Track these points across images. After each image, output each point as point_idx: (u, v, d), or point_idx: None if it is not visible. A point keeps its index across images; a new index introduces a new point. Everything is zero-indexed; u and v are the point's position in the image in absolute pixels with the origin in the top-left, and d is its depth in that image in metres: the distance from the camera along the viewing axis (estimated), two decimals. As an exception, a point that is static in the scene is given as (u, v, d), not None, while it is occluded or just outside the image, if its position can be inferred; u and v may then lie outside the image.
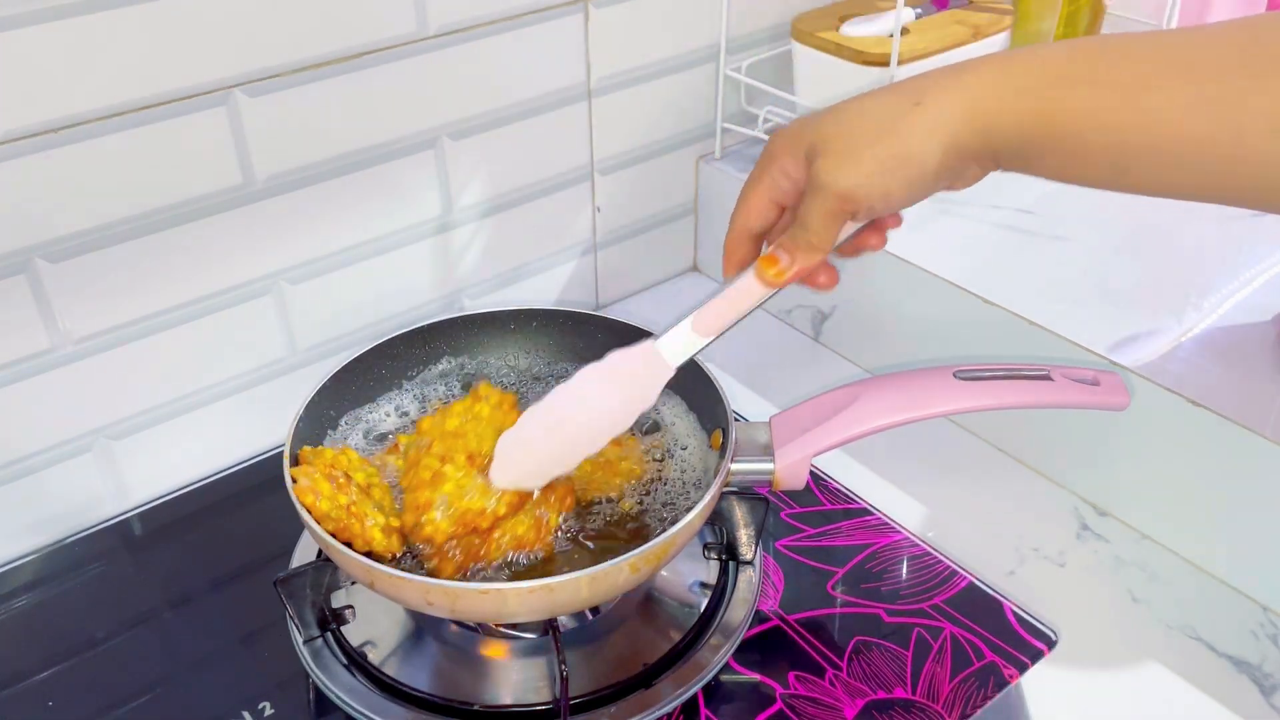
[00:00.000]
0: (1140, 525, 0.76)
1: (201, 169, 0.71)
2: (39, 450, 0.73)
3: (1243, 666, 0.67)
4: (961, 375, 0.63)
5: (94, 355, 0.72)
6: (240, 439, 0.82)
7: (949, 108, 0.49)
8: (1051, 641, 0.67)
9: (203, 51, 0.68)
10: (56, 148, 0.65)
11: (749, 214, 0.57)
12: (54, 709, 0.64)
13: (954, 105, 0.48)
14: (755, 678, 0.65)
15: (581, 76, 0.87)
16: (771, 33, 0.98)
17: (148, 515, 0.79)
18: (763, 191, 0.56)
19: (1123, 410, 0.64)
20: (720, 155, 1.00)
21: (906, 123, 0.49)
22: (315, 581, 0.64)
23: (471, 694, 0.63)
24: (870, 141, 0.50)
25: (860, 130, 0.51)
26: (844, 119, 0.52)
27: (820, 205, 0.52)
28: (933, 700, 0.64)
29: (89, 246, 0.69)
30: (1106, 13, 1.04)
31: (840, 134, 0.51)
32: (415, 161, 0.81)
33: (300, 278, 0.79)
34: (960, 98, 0.48)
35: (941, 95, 0.49)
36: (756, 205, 0.56)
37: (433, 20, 0.76)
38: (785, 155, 0.54)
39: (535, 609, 0.58)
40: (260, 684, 0.65)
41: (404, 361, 0.75)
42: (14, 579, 0.74)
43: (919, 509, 0.79)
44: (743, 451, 0.64)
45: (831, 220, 0.52)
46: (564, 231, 0.94)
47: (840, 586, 0.72)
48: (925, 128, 0.49)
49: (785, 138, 0.54)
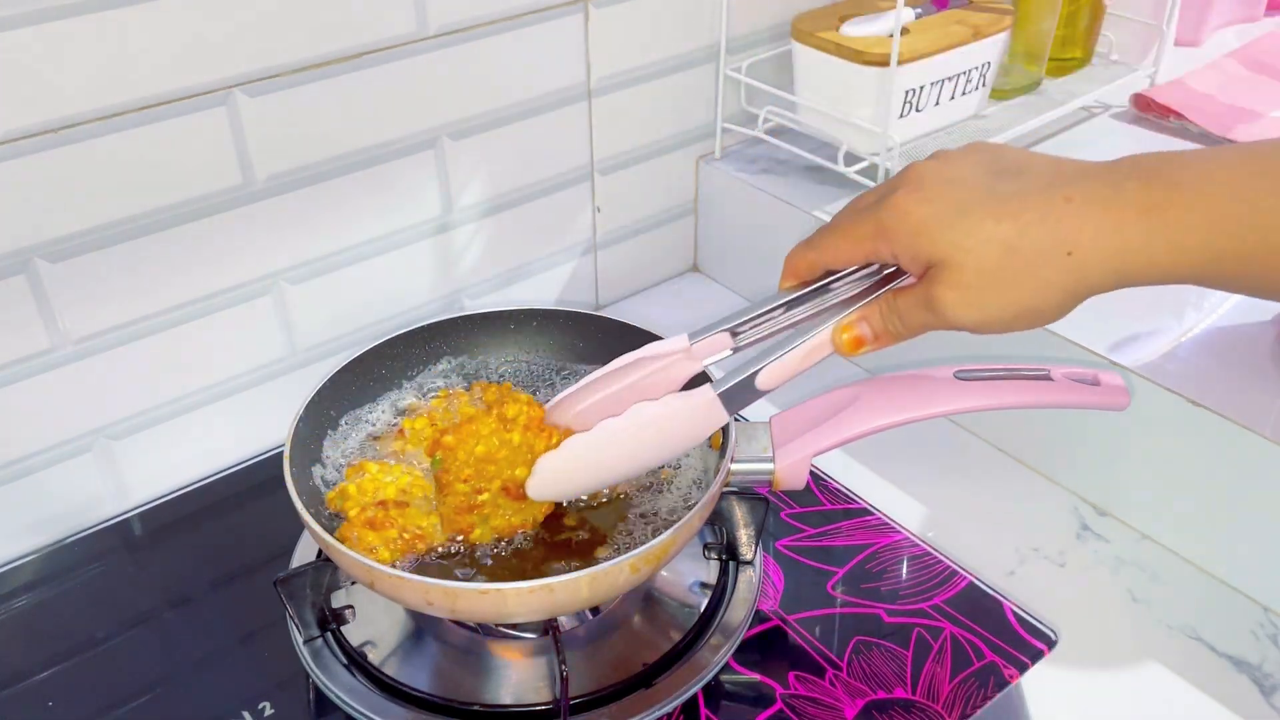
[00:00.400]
0: (1140, 525, 0.76)
1: (201, 169, 0.71)
2: (39, 450, 0.73)
3: (1243, 666, 0.67)
4: (961, 375, 0.63)
5: (94, 355, 0.72)
6: (240, 439, 0.82)
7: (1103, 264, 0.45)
8: (1051, 641, 0.67)
9: (203, 51, 0.68)
10: (56, 148, 0.65)
11: (832, 256, 0.53)
12: (54, 709, 0.64)
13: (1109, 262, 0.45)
14: (755, 678, 0.65)
15: (581, 76, 0.87)
16: (771, 33, 0.98)
17: (148, 515, 0.79)
18: (859, 250, 0.52)
19: (1123, 410, 0.64)
20: (720, 155, 1.00)
21: (1051, 274, 0.46)
22: (315, 581, 0.64)
23: (471, 694, 0.63)
24: (1006, 287, 0.46)
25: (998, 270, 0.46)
26: (974, 246, 0.46)
27: (928, 322, 0.50)
28: (933, 700, 0.64)
29: (89, 246, 0.69)
30: (1106, 13, 1.04)
31: (974, 268, 0.47)
32: (415, 161, 0.81)
33: (300, 278, 0.79)
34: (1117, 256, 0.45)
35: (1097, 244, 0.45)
36: (844, 254, 0.53)
37: (433, 20, 0.76)
38: (900, 243, 0.49)
39: (535, 609, 0.58)
40: (260, 684, 0.65)
41: (404, 361, 0.75)
42: (14, 579, 0.74)
43: (919, 509, 0.79)
44: (743, 451, 0.64)
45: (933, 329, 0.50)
46: (564, 231, 0.94)
47: (840, 586, 0.72)
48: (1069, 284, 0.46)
49: (905, 221, 0.48)
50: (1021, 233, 0.46)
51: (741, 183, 0.97)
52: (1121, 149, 1.00)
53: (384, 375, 0.74)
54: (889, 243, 0.50)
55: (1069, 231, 0.46)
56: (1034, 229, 0.46)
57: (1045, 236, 0.46)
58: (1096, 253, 0.45)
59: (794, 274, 0.56)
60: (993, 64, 0.93)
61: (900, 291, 0.52)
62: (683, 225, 1.04)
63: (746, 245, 1.00)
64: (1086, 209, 0.46)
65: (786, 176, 0.97)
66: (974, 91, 0.93)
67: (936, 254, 0.48)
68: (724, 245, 1.03)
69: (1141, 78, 1.05)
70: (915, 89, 0.88)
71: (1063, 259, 0.46)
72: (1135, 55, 1.07)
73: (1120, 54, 1.07)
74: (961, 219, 0.47)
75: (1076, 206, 0.46)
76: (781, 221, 0.93)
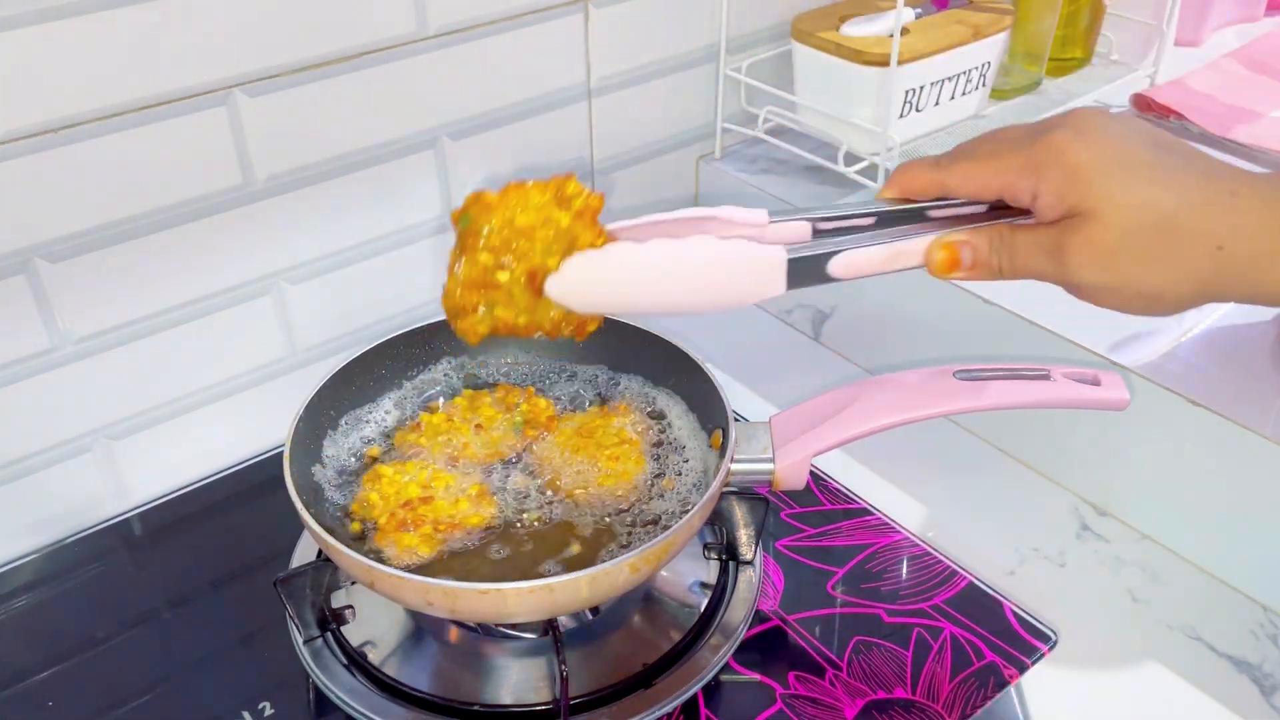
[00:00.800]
0: (1140, 525, 0.76)
1: (201, 169, 0.71)
2: (39, 450, 0.73)
3: (1243, 666, 0.67)
4: (961, 375, 0.63)
5: (94, 355, 0.72)
6: (240, 439, 0.82)
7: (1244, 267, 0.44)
8: (1051, 641, 0.67)
9: (203, 51, 0.68)
10: (56, 148, 0.65)
11: (962, 181, 0.50)
12: (54, 709, 0.64)
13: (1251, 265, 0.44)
14: (755, 678, 0.65)
15: (581, 76, 0.87)
16: (771, 33, 0.98)
17: (148, 515, 0.79)
18: (997, 180, 0.48)
19: (1123, 410, 0.64)
20: (720, 155, 1.00)
21: (1195, 261, 0.44)
22: (315, 581, 0.64)
23: (471, 694, 0.63)
24: (1145, 259, 0.44)
25: (1146, 238, 0.44)
26: (1141, 209, 0.44)
27: (1044, 269, 0.47)
28: (933, 700, 0.64)
29: (89, 246, 0.69)
30: (1106, 13, 1.04)
31: (1121, 227, 0.44)
32: (415, 161, 0.81)
33: (300, 278, 0.79)
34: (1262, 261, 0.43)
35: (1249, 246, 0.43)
36: (979, 182, 0.49)
37: (433, 20, 0.76)
38: (1050, 190, 0.46)
39: (535, 609, 0.58)
40: (260, 684, 0.65)
41: (404, 361, 0.75)
42: (14, 579, 0.74)
43: (919, 509, 0.79)
44: (743, 451, 0.64)
45: (1042, 273, 0.48)
46: (564, 231, 0.94)
47: (840, 586, 0.72)
48: (1206, 279, 0.44)
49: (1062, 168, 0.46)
50: (1182, 208, 0.44)
51: (741, 183, 0.97)
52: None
53: (384, 375, 0.74)
54: (1036, 178, 0.46)
55: (1227, 224, 0.43)
56: (1195, 209, 0.44)
57: (1203, 221, 0.44)
58: (1246, 254, 0.44)
59: (902, 187, 0.52)
60: (993, 64, 0.93)
61: (1021, 228, 0.48)
62: (683, 225, 1.04)
63: (746, 245, 1.00)
64: (1250, 208, 0.44)
65: (786, 176, 0.97)
66: (974, 91, 0.93)
67: (1086, 202, 0.45)
68: (724, 245, 1.03)
69: (1141, 78, 1.05)
70: (915, 89, 0.88)
71: (1212, 250, 0.44)
72: (1135, 55, 1.07)
73: (1120, 54, 1.07)
74: (1123, 173, 0.44)
75: (1241, 202, 0.44)
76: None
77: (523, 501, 0.66)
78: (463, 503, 0.65)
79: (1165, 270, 0.45)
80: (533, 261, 0.53)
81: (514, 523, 0.65)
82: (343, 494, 0.67)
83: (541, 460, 0.69)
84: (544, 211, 0.53)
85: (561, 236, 0.53)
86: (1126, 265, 0.45)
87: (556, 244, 0.53)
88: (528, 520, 0.65)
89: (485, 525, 0.64)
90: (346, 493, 0.67)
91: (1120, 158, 0.45)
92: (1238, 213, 0.44)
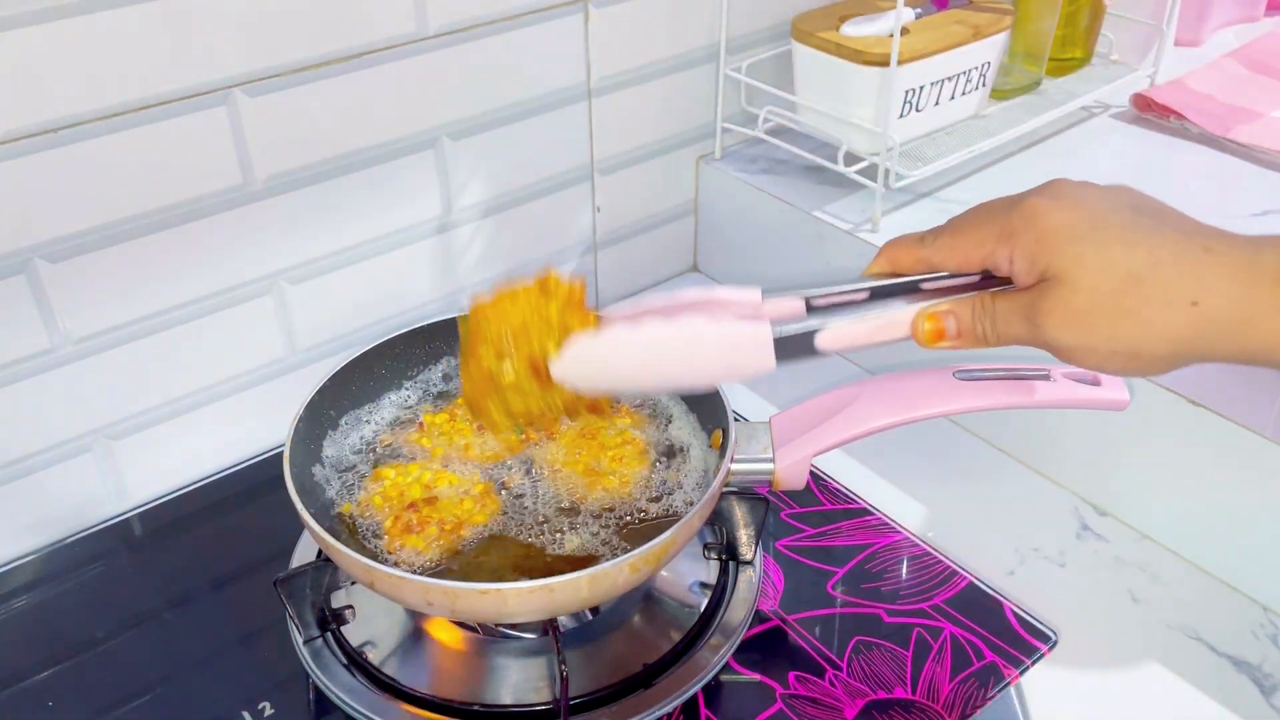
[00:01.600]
0: (1140, 525, 0.76)
1: (201, 169, 0.71)
2: (39, 450, 0.73)
3: (1243, 666, 0.67)
4: (961, 375, 0.63)
5: (94, 355, 0.72)
6: (240, 439, 0.82)
7: (1222, 325, 0.43)
8: (1051, 641, 0.67)
9: (203, 51, 0.68)
10: (56, 148, 0.65)
11: (946, 255, 0.51)
12: (54, 709, 0.64)
13: (1229, 323, 0.43)
14: (755, 678, 0.65)
15: (581, 76, 0.87)
16: (771, 33, 0.98)
17: (148, 515, 0.79)
18: (978, 252, 0.49)
19: (1123, 410, 0.64)
20: (720, 155, 1.00)
21: (1169, 319, 0.43)
22: (315, 581, 0.64)
23: (471, 694, 0.63)
24: (1117, 319, 0.44)
25: (1116, 297, 0.44)
26: (1109, 269, 0.44)
27: (1022, 334, 0.47)
28: (933, 700, 0.64)
29: (89, 246, 0.69)
30: (1106, 13, 1.04)
31: (1090, 288, 0.44)
32: (415, 161, 0.81)
33: (300, 278, 0.79)
34: (1240, 320, 0.43)
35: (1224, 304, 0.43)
36: (961, 254, 0.50)
37: (433, 20, 0.76)
38: (1023, 254, 0.47)
39: (535, 609, 0.58)
40: (260, 684, 0.65)
41: (404, 361, 0.75)
42: (14, 579, 0.74)
43: (919, 509, 0.79)
44: (743, 451, 0.64)
45: (1021, 342, 0.48)
46: (564, 231, 0.94)
47: (840, 586, 0.72)
48: (1183, 336, 0.43)
49: (1034, 232, 0.46)
50: (1152, 266, 0.43)
51: (741, 183, 0.97)
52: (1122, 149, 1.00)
53: (384, 375, 0.74)
54: (1012, 245, 0.47)
55: (1201, 281, 0.43)
56: (1165, 266, 0.43)
57: (1174, 278, 0.43)
58: (1223, 312, 0.43)
59: (891, 264, 0.53)
60: (993, 64, 0.93)
61: (1001, 294, 0.49)
62: (683, 225, 1.04)
63: (746, 245, 1.00)
64: (1224, 264, 0.43)
65: (786, 176, 0.97)
66: (974, 91, 0.93)
67: (1056, 265, 0.45)
68: (724, 245, 1.03)
69: (1141, 78, 1.05)
70: (915, 89, 0.88)
71: (1186, 308, 0.43)
72: (1135, 55, 1.07)
73: (1120, 54, 1.07)
74: (1093, 234, 0.45)
75: (1215, 259, 0.43)
76: (781, 221, 0.93)
77: (523, 501, 0.66)
78: (467, 501, 0.65)
79: (1139, 328, 0.44)
80: (531, 350, 0.56)
81: (516, 521, 0.65)
82: (343, 494, 0.67)
83: (542, 462, 0.69)
84: (532, 305, 0.57)
85: (552, 325, 0.57)
86: (1100, 325, 0.45)
87: (550, 333, 0.57)
88: (529, 520, 0.65)
89: (490, 522, 0.64)
90: (347, 493, 0.67)
91: (1093, 220, 0.45)
92: (1211, 269, 0.43)
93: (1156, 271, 0.44)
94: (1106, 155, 0.98)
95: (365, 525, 0.65)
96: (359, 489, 0.67)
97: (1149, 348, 0.45)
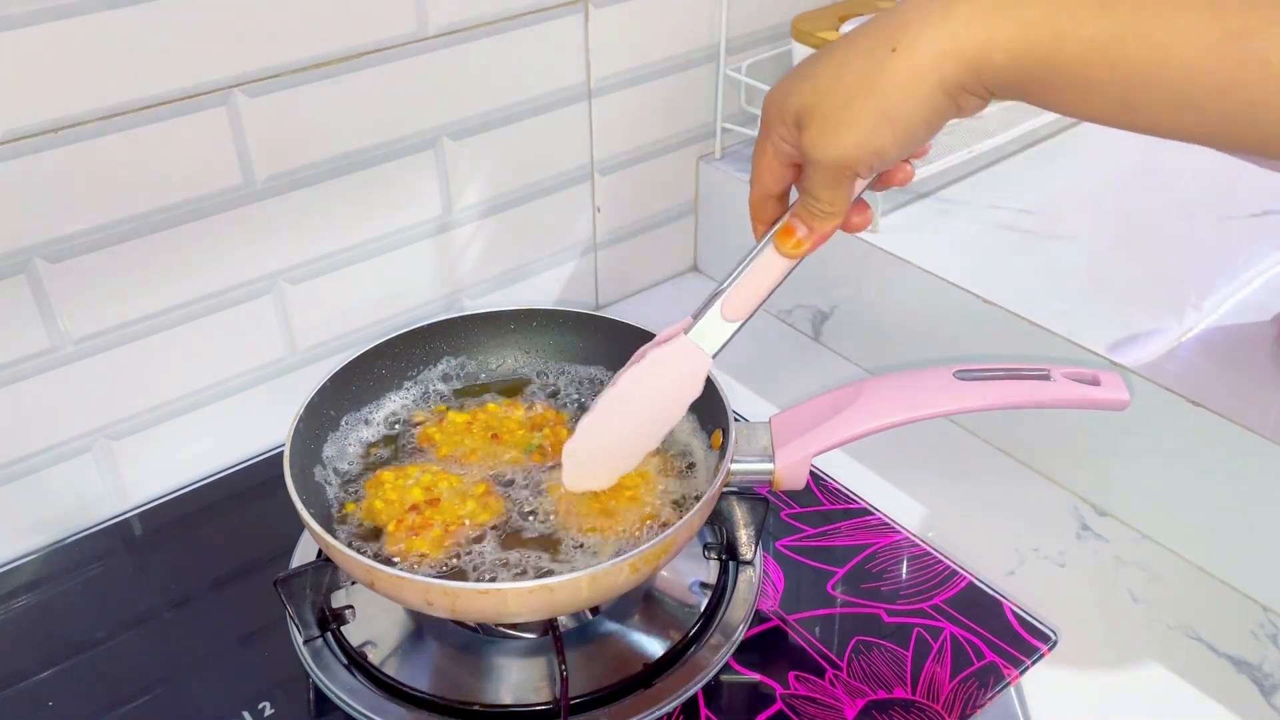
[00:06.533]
0: (1140, 525, 0.76)
1: (201, 169, 0.71)
2: (39, 450, 0.73)
3: (1243, 666, 0.67)
4: (961, 375, 0.63)
5: (94, 355, 0.72)
6: (240, 439, 0.82)
7: (930, 48, 0.45)
8: (1051, 641, 0.67)
9: (203, 51, 0.68)
10: (56, 148, 0.65)
11: (763, 179, 0.55)
12: (54, 709, 0.64)
13: (936, 44, 0.45)
14: (755, 678, 0.65)
15: (581, 76, 0.87)
16: (771, 33, 0.98)
17: (148, 515, 0.79)
18: (770, 157, 0.54)
19: (1123, 410, 0.64)
20: (720, 155, 1.00)
21: (885, 75, 0.46)
22: (315, 581, 0.64)
23: (471, 694, 0.63)
24: (848, 102, 0.47)
25: (838, 91, 0.48)
26: (822, 80, 0.49)
27: (819, 176, 0.51)
28: (933, 700, 0.64)
29: (89, 246, 0.69)
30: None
31: (820, 100, 0.49)
32: (415, 161, 0.81)
33: (300, 278, 0.79)
34: (943, 34, 0.45)
35: (922, 33, 0.45)
36: (769, 169, 0.55)
37: (433, 20, 0.76)
38: (778, 123, 0.52)
39: (535, 609, 0.58)
40: (260, 684, 0.65)
41: (404, 361, 0.75)
42: (14, 579, 0.74)
43: (919, 509, 0.79)
44: (743, 451, 0.64)
45: (835, 187, 0.51)
46: (564, 231, 0.94)
47: (840, 586, 0.72)
48: (905, 77, 0.46)
49: (774, 104, 0.52)
50: (851, 46, 0.48)
51: (741, 183, 0.97)
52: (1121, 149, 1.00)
53: (384, 375, 0.74)
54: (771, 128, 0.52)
55: (893, 28, 0.46)
56: (860, 38, 0.47)
57: (869, 38, 0.47)
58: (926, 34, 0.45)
59: (759, 218, 0.57)
60: (993, 64, 0.93)
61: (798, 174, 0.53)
62: (683, 225, 1.04)
63: (746, 245, 1.00)
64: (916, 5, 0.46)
65: (786, 176, 0.97)
66: (974, 91, 0.93)
67: (798, 110, 0.50)
68: (724, 245, 1.03)
69: (1141, 78, 1.05)
70: (915, 89, 0.88)
71: (888, 56, 0.46)
72: (1135, 55, 1.07)
73: (1120, 54, 1.06)
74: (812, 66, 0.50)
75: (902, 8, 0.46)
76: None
77: (524, 505, 0.66)
78: (470, 502, 0.65)
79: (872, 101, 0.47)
80: None
81: (518, 521, 0.65)
82: (343, 494, 0.67)
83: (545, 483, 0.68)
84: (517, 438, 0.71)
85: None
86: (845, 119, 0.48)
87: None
88: (531, 521, 0.65)
89: (492, 523, 0.64)
90: (347, 493, 0.67)
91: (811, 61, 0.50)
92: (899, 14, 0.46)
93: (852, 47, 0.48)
94: (1106, 155, 0.98)
95: (366, 526, 0.65)
96: (358, 486, 0.67)
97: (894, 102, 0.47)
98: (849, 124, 0.48)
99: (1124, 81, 0.42)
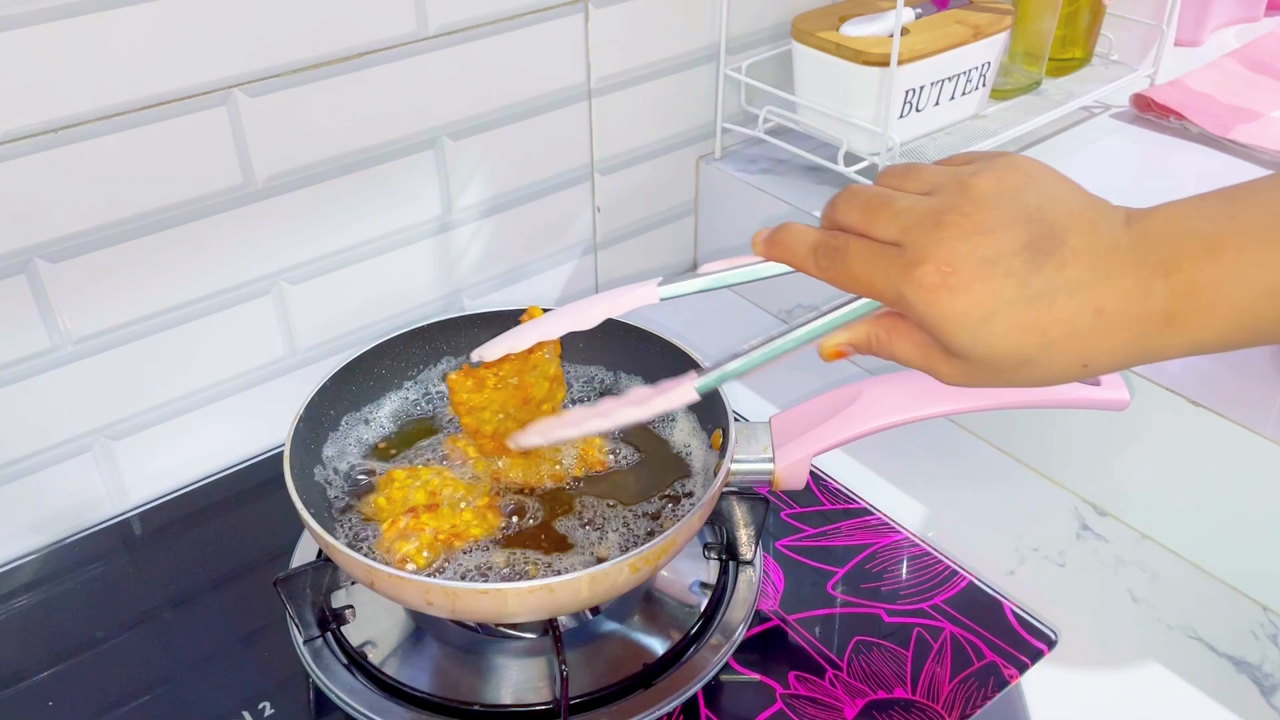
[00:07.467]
0: (1140, 525, 0.76)
1: (201, 169, 0.71)
2: (39, 450, 0.73)
3: (1243, 666, 0.67)
4: (961, 375, 0.63)
5: (94, 355, 0.72)
6: (240, 439, 0.82)
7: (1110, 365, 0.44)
8: (1051, 641, 0.67)
9: (203, 51, 0.68)
10: (56, 148, 0.65)
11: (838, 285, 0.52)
12: (54, 709, 0.64)
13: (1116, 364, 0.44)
14: (755, 678, 0.65)
15: (581, 76, 0.87)
16: (771, 33, 0.98)
17: (148, 515, 0.79)
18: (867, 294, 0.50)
19: (1123, 410, 0.64)
20: (720, 155, 1.00)
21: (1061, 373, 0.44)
22: (315, 581, 0.64)
23: (471, 694, 0.63)
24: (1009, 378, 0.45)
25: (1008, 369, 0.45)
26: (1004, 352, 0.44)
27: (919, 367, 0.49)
28: (933, 700, 0.64)
29: (89, 246, 0.69)
30: (1106, 13, 1.04)
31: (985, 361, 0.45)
32: (415, 161, 0.81)
33: (300, 278, 0.79)
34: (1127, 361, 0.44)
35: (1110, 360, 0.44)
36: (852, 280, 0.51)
37: (433, 20, 0.76)
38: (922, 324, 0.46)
39: (535, 609, 0.58)
40: (260, 684, 0.65)
41: (404, 361, 0.75)
42: (14, 579, 0.74)
43: (919, 509, 0.79)
44: (743, 451, 0.64)
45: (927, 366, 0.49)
46: (564, 231, 0.94)
47: (840, 586, 0.72)
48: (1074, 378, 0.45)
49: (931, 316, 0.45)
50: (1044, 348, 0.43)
51: (741, 183, 0.97)
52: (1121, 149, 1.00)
53: (384, 375, 0.74)
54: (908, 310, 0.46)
55: (1090, 349, 0.43)
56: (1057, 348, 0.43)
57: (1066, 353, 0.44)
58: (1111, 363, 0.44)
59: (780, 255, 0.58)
60: (993, 64, 0.93)
61: (898, 330, 0.50)
62: (683, 225, 1.04)
63: (746, 245, 1.00)
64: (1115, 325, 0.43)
65: (786, 176, 0.97)
66: (974, 91, 0.93)
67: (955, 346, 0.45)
68: (724, 245, 1.03)
69: (1141, 78, 1.05)
70: (915, 89, 0.88)
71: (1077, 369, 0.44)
72: (1135, 55, 1.07)
73: (1120, 54, 1.07)
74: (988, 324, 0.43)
75: (1106, 321, 0.43)
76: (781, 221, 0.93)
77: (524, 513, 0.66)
78: (467, 513, 0.64)
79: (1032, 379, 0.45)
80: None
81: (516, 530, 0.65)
82: (343, 494, 0.67)
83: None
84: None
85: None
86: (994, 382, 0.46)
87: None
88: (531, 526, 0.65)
89: (484, 538, 0.64)
90: (347, 493, 0.67)
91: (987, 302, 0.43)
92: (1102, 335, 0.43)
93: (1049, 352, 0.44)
94: (1106, 155, 0.98)
95: (366, 526, 0.65)
96: (359, 486, 0.67)
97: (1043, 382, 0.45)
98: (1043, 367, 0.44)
99: None
